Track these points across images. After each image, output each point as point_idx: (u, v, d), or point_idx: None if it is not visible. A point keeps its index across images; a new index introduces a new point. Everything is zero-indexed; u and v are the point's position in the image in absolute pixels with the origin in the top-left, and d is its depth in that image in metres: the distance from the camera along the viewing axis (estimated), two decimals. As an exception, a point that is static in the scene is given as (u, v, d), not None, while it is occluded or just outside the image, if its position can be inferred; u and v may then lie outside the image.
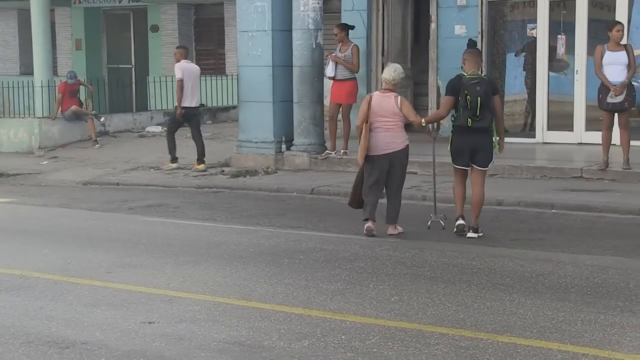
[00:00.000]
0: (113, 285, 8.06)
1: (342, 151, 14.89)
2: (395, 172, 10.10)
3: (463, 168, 9.96)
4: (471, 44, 10.24)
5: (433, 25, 16.55)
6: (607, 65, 12.58)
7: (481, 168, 9.90)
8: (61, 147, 19.08)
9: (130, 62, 25.05)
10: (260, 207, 12.26)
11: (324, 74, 15.05)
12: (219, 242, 9.89)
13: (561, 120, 15.54)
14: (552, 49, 15.62)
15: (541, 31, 15.59)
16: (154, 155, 16.25)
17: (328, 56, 14.96)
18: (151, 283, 8.10)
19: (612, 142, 12.92)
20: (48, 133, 19.28)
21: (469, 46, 10.17)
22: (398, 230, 10.05)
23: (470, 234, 9.81)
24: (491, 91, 9.76)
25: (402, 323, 6.72)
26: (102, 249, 9.67)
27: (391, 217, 10.09)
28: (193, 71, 15.87)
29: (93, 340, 6.47)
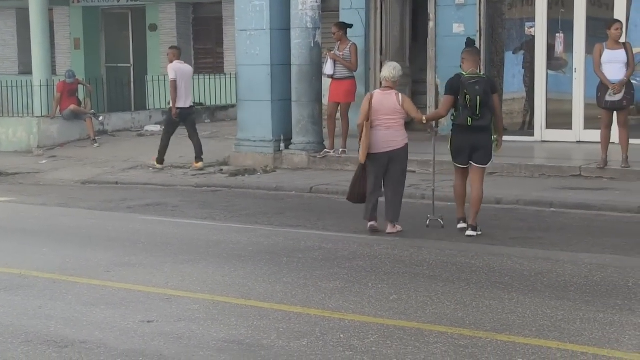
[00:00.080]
0: (112, 284, 8.06)
1: (341, 150, 14.88)
2: (394, 170, 10.10)
3: (463, 166, 9.99)
4: (469, 43, 10.21)
5: (431, 23, 16.54)
6: (606, 63, 12.59)
7: (480, 166, 9.91)
8: (60, 146, 19.07)
9: (128, 61, 25.04)
10: (259, 206, 12.26)
11: (323, 72, 15.03)
12: (218, 241, 9.89)
13: (560, 118, 15.52)
14: (551, 48, 15.62)
15: (539, 29, 15.58)
16: (153, 154, 16.20)
17: (327, 54, 14.96)
18: (150, 282, 8.10)
19: (611, 141, 12.92)
20: (47, 132, 19.27)
21: (468, 45, 10.14)
22: (397, 229, 10.06)
23: (469, 232, 9.81)
24: (490, 90, 9.77)
25: (401, 322, 6.72)
26: (101, 248, 9.67)
27: (390, 215, 10.09)
28: (186, 72, 15.84)
29: (92, 339, 6.47)
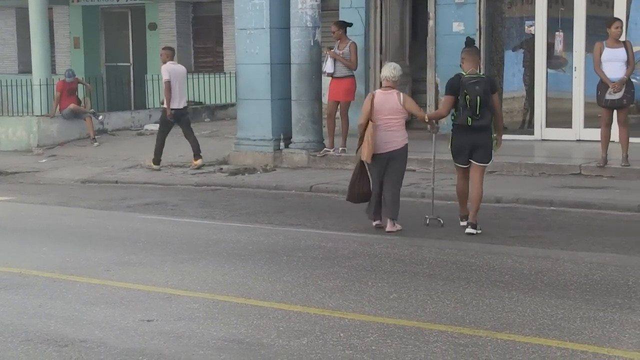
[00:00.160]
0: (112, 283, 8.06)
1: (341, 149, 14.88)
2: (393, 170, 10.14)
3: (464, 166, 9.99)
4: (469, 42, 10.19)
5: (431, 22, 16.52)
6: (606, 62, 12.58)
7: (480, 164, 9.91)
8: (60, 146, 19.07)
9: (128, 60, 25.02)
10: (258, 205, 12.25)
11: (323, 71, 15.03)
12: (218, 240, 9.89)
13: (560, 117, 15.52)
14: (551, 46, 15.61)
15: (539, 28, 15.57)
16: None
17: (327, 53, 14.95)
18: (150, 281, 8.10)
19: (611, 139, 12.91)
20: (47, 131, 19.27)
21: (467, 44, 10.13)
22: (397, 227, 10.07)
23: (469, 230, 9.81)
24: (490, 89, 9.77)
25: (401, 320, 6.72)
26: (101, 247, 9.67)
27: (389, 213, 10.11)
28: (179, 72, 15.81)
29: (92, 338, 6.47)
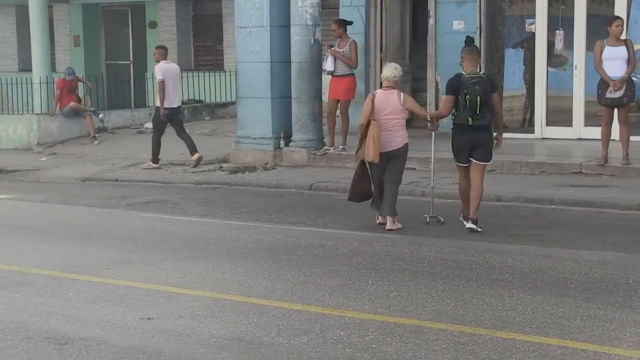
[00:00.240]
0: (112, 281, 8.06)
1: (341, 147, 14.87)
2: (392, 169, 10.18)
3: (464, 165, 10.00)
4: (469, 41, 10.17)
5: (431, 20, 16.53)
6: (607, 60, 12.57)
7: (480, 163, 9.91)
8: (60, 144, 19.07)
9: (128, 59, 25.01)
10: (259, 203, 12.25)
11: (323, 69, 15.02)
12: (218, 238, 9.89)
13: (560, 115, 15.52)
14: (551, 45, 15.60)
15: (540, 26, 15.56)
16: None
17: (327, 51, 14.94)
18: (150, 279, 8.10)
19: (612, 138, 12.91)
20: (47, 129, 19.28)
21: (467, 43, 10.12)
22: (397, 226, 10.07)
23: (469, 225, 9.81)
24: (490, 89, 9.77)
25: (401, 319, 6.72)
26: (101, 245, 9.67)
27: (387, 211, 10.13)
28: (173, 71, 15.76)
29: (92, 336, 6.47)
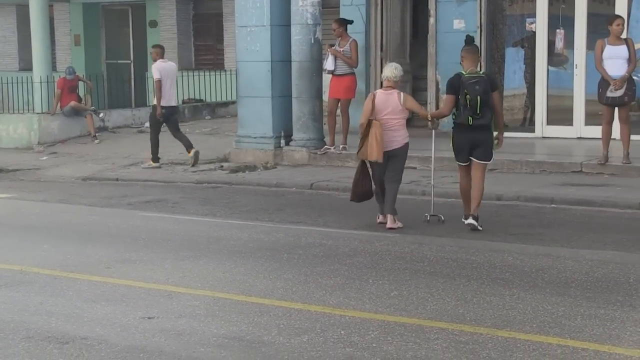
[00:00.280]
0: (113, 280, 8.06)
1: (341, 146, 14.87)
2: (392, 168, 10.20)
3: (464, 164, 10.01)
4: (469, 40, 10.17)
5: (432, 19, 16.52)
6: (608, 59, 12.57)
7: (480, 162, 9.91)
8: (60, 143, 19.07)
9: (129, 58, 25.02)
10: (259, 202, 12.25)
11: (324, 68, 15.02)
12: (219, 237, 9.89)
13: (561, 114, 15.52)
14: (552, 44, 15.60)
15: (540, 25, 15.56)
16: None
17: (328, 50, 14.94)
18: (151, 278, 8.10)
19: (612, 137, 12.91)
20: (47, 129, 19.28)
21: (467, 42, 10.12)
22: (397, 225, 10.07)
23: (469, 221, 9.82)
24: (490, 88, 9.77)
25: (402, 318, 6.72)
26: (102, 245, 9.67)
27: (388, 209, 10.15)
28: (170, 70, 15.75)
29: (93, 335, 6.47)
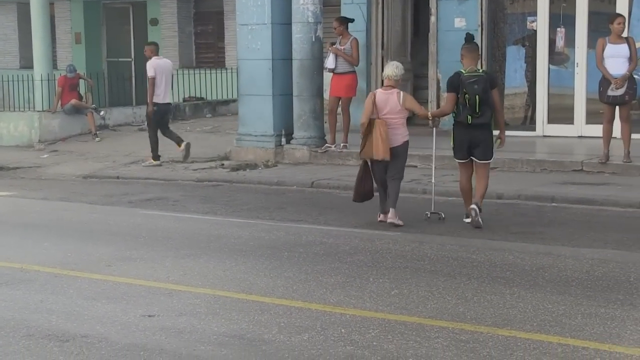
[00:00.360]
0: (113, 278, 8.06)
1: (342, 144, 14.87)
2: (393, 166, 10.20)
3: (463, 161, 10.03)
4: (469, 38, 10.18)
5: (433, 18, 16.52)
6: (609, 58, 12.56)
7: (482, 161, 9.93)
8: (61, 141, 19.08)
9: (129, 56, 25.02)
10: (260, 201, 12.25)
11: (324, 66, 15.02)
12: (219, 236, 9.89)
13: (561, 113, 15.52)
14: (553, 42, 15.60)
15: (541, 24, 15.56)
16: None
17: (329, 48, 14.93)
18: (151, 276, 8.10)
19: (613, 135, 12.90)
20: (48, 127, 19.29)
21: (467, 40, 10.13)
22: (398, 222, 10.06)
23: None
24: (489, 86, 9.78)
25: (402, 316, 6.72)
26: (102, 243, 9.67)
27: (390, 203, 10.16)
28: (165, 67, 15.74)
29: (93, 333, 6.47)
